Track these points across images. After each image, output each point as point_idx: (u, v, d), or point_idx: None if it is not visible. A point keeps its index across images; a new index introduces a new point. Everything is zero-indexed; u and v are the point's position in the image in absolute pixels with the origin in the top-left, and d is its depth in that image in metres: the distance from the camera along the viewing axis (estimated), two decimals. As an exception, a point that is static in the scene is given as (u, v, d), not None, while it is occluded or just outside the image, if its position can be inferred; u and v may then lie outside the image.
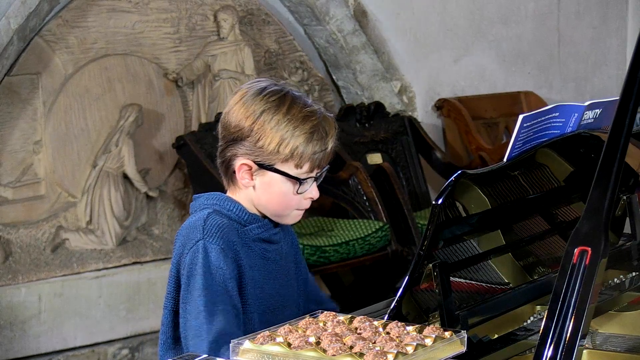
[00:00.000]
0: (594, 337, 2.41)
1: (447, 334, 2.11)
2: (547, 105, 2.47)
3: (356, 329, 2.16)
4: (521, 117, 2.33)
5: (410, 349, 2.03)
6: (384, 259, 5.36)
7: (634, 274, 2.78)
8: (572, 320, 1.97)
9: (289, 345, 2.06)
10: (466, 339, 2.12)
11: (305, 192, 2.50)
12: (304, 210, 2.55)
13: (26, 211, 5.20)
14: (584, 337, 2.01)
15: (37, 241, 5.21)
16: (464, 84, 6.41)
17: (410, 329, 2.14)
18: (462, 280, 2.43)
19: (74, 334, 5.21)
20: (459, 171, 2.29)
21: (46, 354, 5.15)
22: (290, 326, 2.15)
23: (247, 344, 2.08)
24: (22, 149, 5.16)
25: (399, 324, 2.15)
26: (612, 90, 6.68)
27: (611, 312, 2.52)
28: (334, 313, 2.25)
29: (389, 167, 5.65)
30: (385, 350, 2.01)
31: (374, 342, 2.07)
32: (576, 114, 2.51)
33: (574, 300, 1.98)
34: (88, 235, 5.32)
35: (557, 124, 2.48)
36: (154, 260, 5.44)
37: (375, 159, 5.93)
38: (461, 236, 2.43)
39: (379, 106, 6.02)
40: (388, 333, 2.12)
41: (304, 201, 2.52)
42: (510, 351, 2.34)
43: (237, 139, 2.48)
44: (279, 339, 2.08)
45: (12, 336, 5.04)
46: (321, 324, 2.18)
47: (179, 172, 5.61)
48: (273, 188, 2.49)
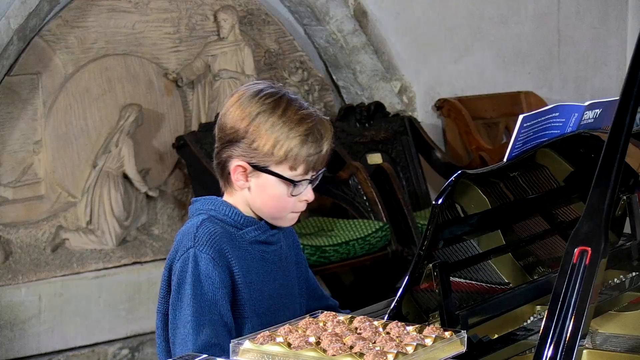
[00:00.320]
0: (594, 337, 2.41)
1: (447, 334, 2.11)
2: (547, 105, 2.47)
3: (356, 329, 2.16)
4: (521, 117, 2.33)
5: (410, 349, 2.03)
6: (384, 259, 5.36)
7: (634, 274, 2.78)
8: (572, 320, 1.97)
9: (289, 345, 2.06)
10: (466, 339, 2.12)
11: (301, 194, 2.50)
12: (299, 212, 2.55)
13: (26, 211, 5.20)
14: (584, 337, 2.01)
15: (37, 241, 5.21)
16: (464, 84, 6.41)
17: (410, 329, 2.14)
18: (462, 280, 2.43)
19: (74, 334, 5.21)
20: (459, 171, 2.29)
21: (46, 354, 5.15)
22: (290, 326, 2.15)
23: (247, 344, 2.08)
24: (22, 149, 5.15)
25: (399, 324, 2.15)
26: (612, 90, 6.68)
27: (611, 312, 2.52)
28: (334, 313, 2.25)
29: (389, 167, 5.65)
30: (385, 350, 2.01)
31: (374, 342, 2.07)
32: (576, 114, 2.51)
33: (574, 300, 1.98)
34: (88, 235, 5.32)
35: (557, 124, 2.48)
36: (154, 260, 5.44)
37: (375, 159, 5.93)
38: (461, 236, 2.43)
39: (379, 106, 6.02)
40: (388, 333, 2.12)
41: (299, 204, 2.52)
42: (510, 351, 2.34)
43: (232, 141, 2.48)
44: (279, 339, 2.08)
45: (12, 336, 5.04)
46: (321, 324, 2.18)
47: (179, 172, 5.61)
48: (267, 190, 2.48)
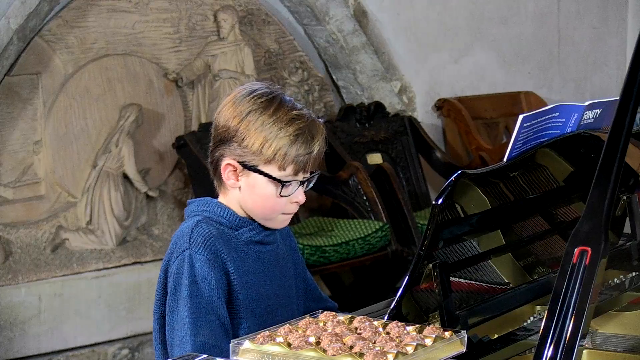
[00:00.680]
0: (594, 337, 2.41)
1: (447, 334, 2.11)
2: (547, 105, 2.47)
3: (356, 329, 2.16)
4: (521, 117, 2.33)
5: (410, 349, 2.03)
6: (384, 259, 5.36)
7: (634, 274, 2.78)
8: (572, 320, 1.97)
9: (289, 345, 2.06)
10: (466, 339, 2.12)
11: (291, 196, 2.49)
12: (290, 214, 2.54)
13: (26, 211, 5.20)
14: (584, 337, 2.01)
15: (37, 241, 5.21)
16: (464, 84, 6.41)
17: (410, 329, 2.14)
18: (462, 280, 2.43)
19: (74, 334, 5.20)
20: (459, 171, 2.29)
21: (46, 354, 5.14)
22: (290, 326, 2.15)
23: (247, 344, 2.08)
24: (22, 149, 5.15)
25: (399, 324, 2.15)
26: (612, 90, 6.68)
27: (611, 312, 2.52)
28: (334, 313, 2.25)
29: (389, 167, 5.65)
30: (385, 350, 2.01)
31: (374, 342, 2.07)
32: (576, 114, 2.51)
33: (574, 300, 1.98)
34: (88, 235, 5.32)
35: (557, 124, 2.48)
36: (154, 260, 5.44)
37: (375, 159, 5.93)
38: (461, 236, 2.43)
39: (379, 106, 6.02)
40: (388, 333, 2.12)
41: (290, 205, 2.51)
42: (510, 351, 2.34)
43: (224, 139, 2.48)
44: (279, 339, 2.08)
45: (12, 336, 5.04)
46: (321, 324, 2.18)
47: (179, 172, 5.61)
48: (257, 190, 2.48)
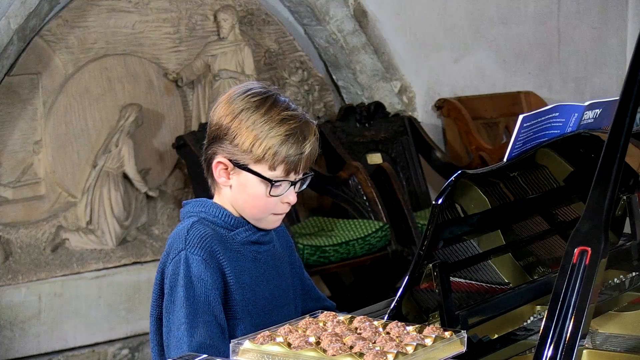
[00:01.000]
0: (594, 337, 2.41)
1: (447, 334, 2.11)
2: (547, 105, 2.47)
3: (356, 329, 2.16)
4: (521, 117, 2.33)
5: (410, 349, 2.03)
6: (384, 259, 5.36)
7: (634, 274, 2.78)
8: (572, 320, 1.97)
9: (289, 345, 2.06)
10: (466, 339, 2.12)
11: (282, 196, 2.49)
12: (281, 215, 2.53)
13: (26, 211, 5.20)
14: (584, 337, 2.01)
15: (37, 241, 5.21)
16: (464, 84, 6.41)
17: (410, 329, 2.14)
18: (462, 280, 2.43)
19: (74, 334, 5.20)
20: (459, 171, 2.29)
21: (46, 354, 5.14)
22: (290, 326, 2.15)
23: (247, 344, 2.08)
24: (22, 149, 5.15)
25: (399, 324, 2.15)
26: (612, 90, 6.68)
27: (611, 312, 2.52)
28: (334, 313, 2.25)
29: (389, 167, 5.65)
30: (385, 350, 2.01)
31: (374, 342, 2.07)
32: (576, 114, 2.51)
33: (574, 300, 1.98)
34: (88, 235, 5.32)
35: (557, 124, 2.48)
36: (154, 260, 5.43)
37: (375, 159, 5.93)
38: (461, 236, 2.43)
39: (379, 106, 6.02)
40: (388, 333, 2.12)
41: (281, 205, 2.50)
42: (510, 351, 2.34)
43: (216, 137, 2.48)
44: (279, 339, 2.08)
45: (12, 336, 5.04)
46: (321, 324, 2.18)
47: (179, 172, 5.61)
48: (247, 189, 2.48)
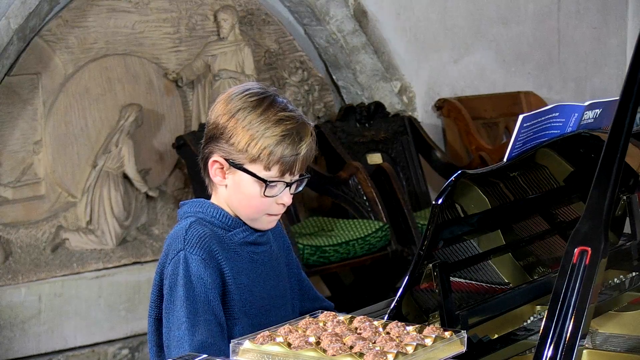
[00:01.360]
0: (594, 337, 2.41)
1: (447, 334, 2.11)
2: (547, 105, 2.47)
3: (356, 329, 2.16)
4: (521, 117, 2.33)
5: (410, 349, 2.03)
6: (384, 259, 5.36)
7: (634, 274, 2.78)
8: (572, 320, 1.97)
9: (289, 345, 2.06)
10: (466, 339, 2.12)
11: (277, 197, 2.49)
12: (276, 216, 2.53)
13: (26, 211, 5.20)
14: (584, 337, 2.01)
15: (37, 241, 5.21)
16: (464, 84, 6.41)
17: (410, 329, 2.14)
18: (462, 280, 2.43)
19: (74, 334, 5.20)
20: (459, 171, 2.29)
21: (46, 354, 5.14)
22: (290, 326, 2.15)
23: (247, 344, 2.08)
24: (22, 149, 5.15)
25: (399, 324, 2.15)
26: (612, 90, 6.68)
27: (611, 312, 2.52)
28: (334, 313, 2.25)
29: (389, 167, 5.65)
30: (385, 350, 2.01)
31: (374, 342, 2.07)
32: (576, 114, 2.51)
33: (574, 300, 1.98)
34: (88, 235, 5.32)
35: (557, 124, 2.48)
36: (154, 260, 5.43)
37: (375, 159, 5.93)
38: (461, 236, 2.43)
39: (379, 106, 6.02)
40: (388, 333, 2.12)
41: (275, 206, 2.50)
42: (510, 351, 2.34)
43: (213, 137, 2.49)
44: (279, 339, 2.08)
45: (12, 336, 5.03)
46: (321, 324, 2.18)
47: (179, 172, 5.61)
48: (242, 188, 2.48)
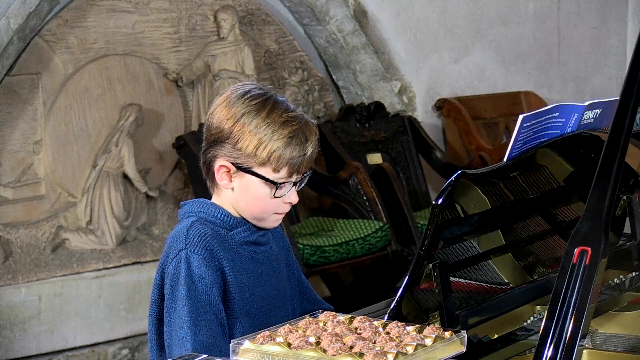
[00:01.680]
0: (594, 337, 2.41)
1: (447, 334, 2.11)
2: (547, 105, 2.47)
3: (356, 329, 2.16)
4: (521, 117, 2.33)
5: (410, 349, 2.03)
6: (384, 259, 5.36)
7: (634, 274, 2.78)
8: (572, 320, 1.97)
9: (289, 345, 2.06)
10: (466, 339, 2.12)
11: (284, 196, 2.50)
12: (283, 214, 2.55)
13: (26, 211, 5.20)
14: (584, 337, 2.01)
15: (37, 241, 5.21)
16: (464, 84, 6.41)
17: (410, 329, 2.14)
18: (462, 280, 2.43)
19: (74, 334, 5.21)
20: (459, 171, 2.29)
21: (46, 354, 5.15)
22: (290, 326, 2.14)
23: (247, 344, 2.08)
24: (22, 149, 5.15)
25: (399, 324, 2.15)
26: (612, 90, 6.68)
27: (611, 312, 2.52)
28: (334, 313, 2.25)
29: (389, 167, 5.65)
30: (385, 350, 2.01)
31: (374, 342, 2.07)
32: (576, 114, 2.51)
33: (574, 300, 1.98)
34: (88, 235, 5.32)
35: (557, 124, 2.48)
36: (154, 260, 5.43)
37: (375, 159, 5.93)
38: (461, 236, 2.43)
39: (379, 106, 6.02)
40: (388, 333, 2.12)
41: (283, 205, 2.52)
42: (510, 351, 2.34)
43: (217, 141, 2.49)
44: (279, 339, 2.08)
45: (12, 336, 5.03)
46: (321, 324, 2.18)
47: (179, 172, 5.61)
48: (250, 191, 2.49)
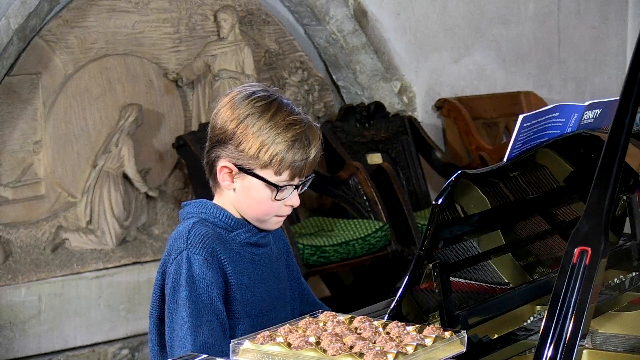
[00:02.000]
0: (594, 337, 2.41)
1: (447, 334, 2.11)
2: (547, 105, 2.47)
3: (356, 329, 2.16)
4: (521, 117, 2.33)
5: (410, 349, 2.03)
6: (384, 259, 5.36)
7: (634, 274, 2.78)
8: (572, 320, 1.97)
9: (289, 345, 2.06)
10: (466, 339, 2.12)
11: (286, 199, 2.50)
12: (284, 216, 2.55)
13: (26, 211, 5.20)
14: (584, 337, 2.01)
15: (37, 241, 5.21)
16: (464, 84, 6.41)
17: (410, 329, 2.14)
18: (462, 280, 2.43)
19: (74, 334, 5.21)
20: (459, 171, 2.29)
21: (46, 354, 5.15)
22: (290, 326, 2.15)
23: (247, 344, 2.08)
24: (22, 149, 5.15)
25: (399, 324, 2.15)
26: (612, 90, 6.68)
27: (611, 312, 2.52)
28: (334, 313, 2.25)
29: (389, 167, 5.65)
30: (385, 350, 2.01)
31: (374, 342, 2.07)
32: (576, 114, 2.51)
33: (574, 300, 1.98)
34: (88, 235, 5.32)
35: (557, 124, 2.48)
36: (154, 260, 5.44)
37: (375, 159, 5.93)
38: (461, 236, 2.43)
39: (379, 106, 6.02)
40: (388, 333, 2.12)
41: (284, 208, 2.52)
42: (510, 351, 2.34)
43: (221, 141, 2.49)
44: (279, 339, 2.08)
45: (12, 336, 5.04)
46: (321, 324, 2.18)
47: (179, 172, 5.61)
48: (252, 193, 2.49)
